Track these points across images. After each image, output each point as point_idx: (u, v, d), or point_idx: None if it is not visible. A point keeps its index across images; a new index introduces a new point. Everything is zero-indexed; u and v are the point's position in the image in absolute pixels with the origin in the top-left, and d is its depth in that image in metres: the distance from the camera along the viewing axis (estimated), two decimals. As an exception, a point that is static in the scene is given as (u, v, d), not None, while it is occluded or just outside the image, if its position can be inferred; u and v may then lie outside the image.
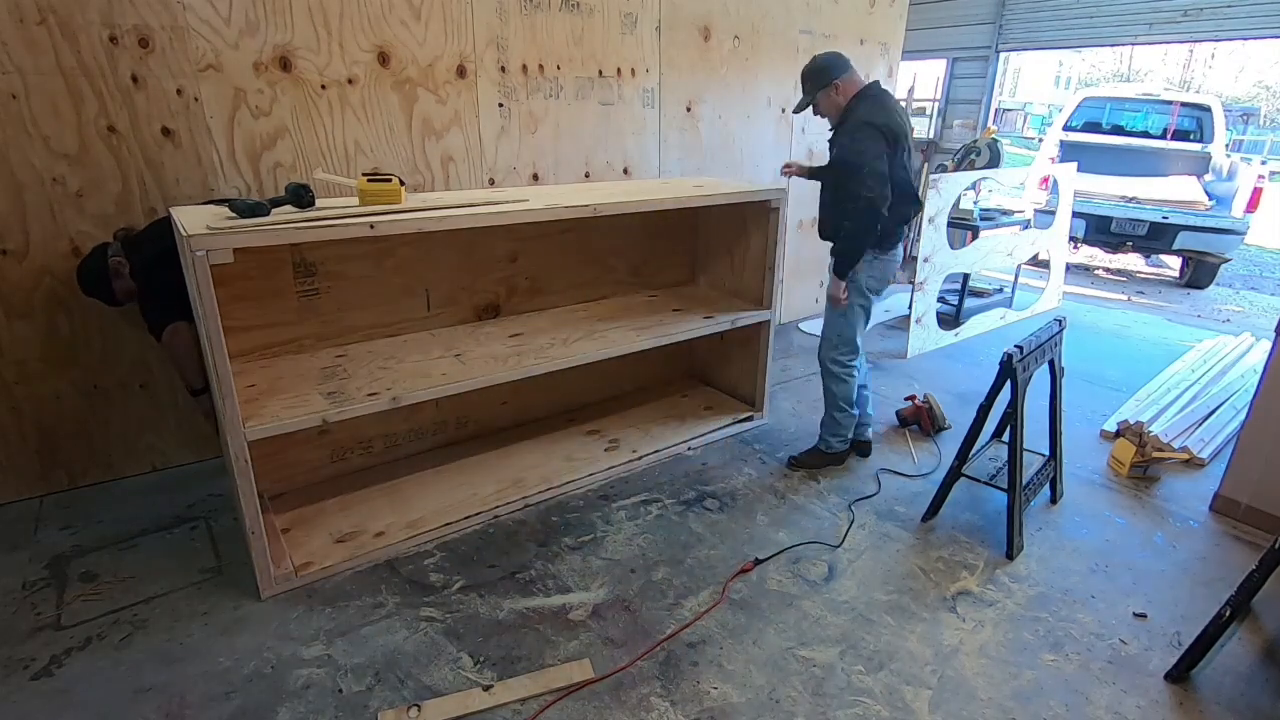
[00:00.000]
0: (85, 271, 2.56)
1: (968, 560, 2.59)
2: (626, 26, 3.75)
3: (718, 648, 2.16)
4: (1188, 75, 24.90)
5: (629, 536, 2.68)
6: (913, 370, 4.38)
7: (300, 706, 1.92)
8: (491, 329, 3.07)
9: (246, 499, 2.17)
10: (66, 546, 2.56)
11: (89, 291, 2.58)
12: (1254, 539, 2.75)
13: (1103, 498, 3.03)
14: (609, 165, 3.93)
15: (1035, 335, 2.66)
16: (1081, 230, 6.81)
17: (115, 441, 2.95)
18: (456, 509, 2.75)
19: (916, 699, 1.99)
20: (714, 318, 3.27)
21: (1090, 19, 7.70)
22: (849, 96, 2.78)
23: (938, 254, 4.55)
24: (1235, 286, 7.38)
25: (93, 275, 2.55)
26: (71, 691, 1.95)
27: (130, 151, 2.67)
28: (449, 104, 3.28)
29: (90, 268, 2.55)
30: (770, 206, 3.21)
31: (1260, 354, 4.51)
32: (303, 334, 2.74)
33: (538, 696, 1.96)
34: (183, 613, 2.25)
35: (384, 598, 2.33)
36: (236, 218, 2.07)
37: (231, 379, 2.05)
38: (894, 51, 5.23)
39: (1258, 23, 6.66)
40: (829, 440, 3.16)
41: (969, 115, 8.94)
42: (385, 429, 3.03)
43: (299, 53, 2.85)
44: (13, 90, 2.44)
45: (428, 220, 2.29)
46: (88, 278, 2.56)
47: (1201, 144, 7.62)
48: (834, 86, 2.76)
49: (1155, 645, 2.21)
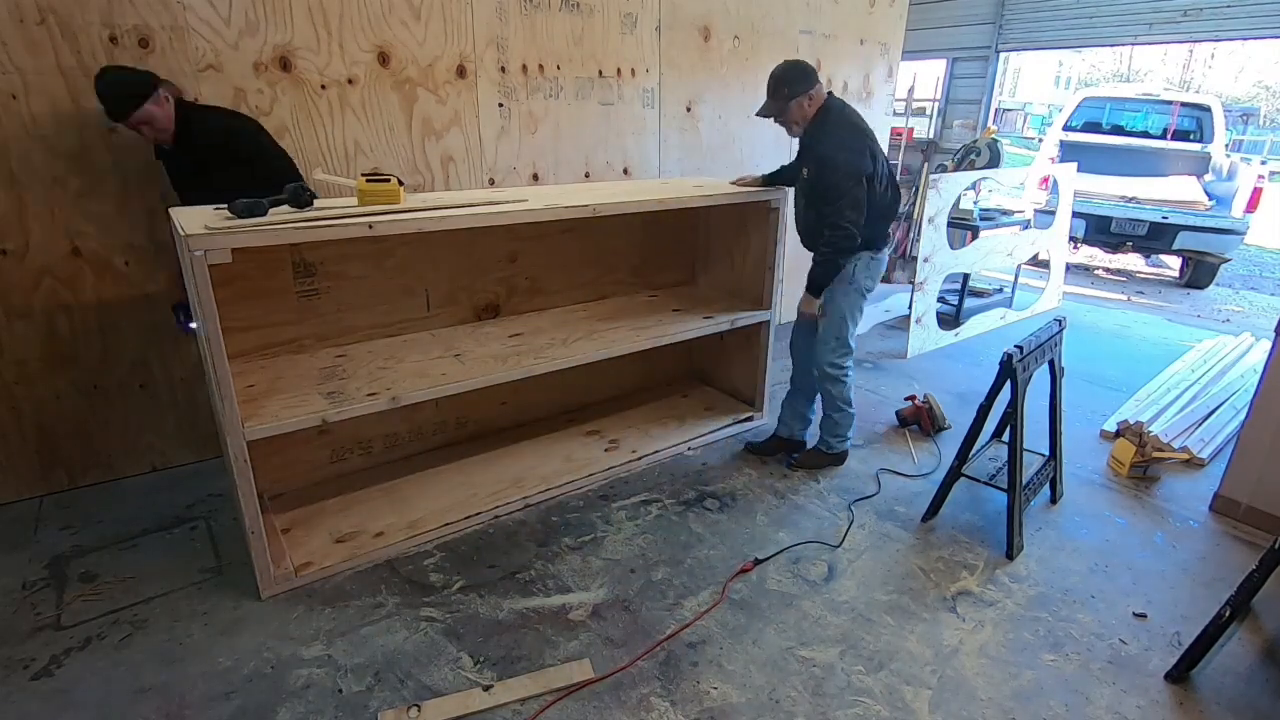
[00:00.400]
0: (120, 77, 2.37)
1: (968, 560, 2.59)
2: (626, 26, 3.75)
3: (718, 648, 2.16)
4: (1188, 75, 24.90)
5: (629, 536, 2.68)
6: (913, 370, 4.38)
7: (300, 706, 1.92)
8: (491, 329, 3.07)
9: (246, 499, 2.17)
10: (66, 546, 2.56)
11: (107, 91, 2.35)
12: (1254, 539, 2.75)
13: (1103, 498, 3.03)
14: (609, 165, 3.93)
15: (1035, 335, 2.66)
16: (1081, 230, 6.80)
17: (115, 441, 2.95)
18: (456, 509, 2.75)
19: (916, 699, 1.99)
20: (714, 318, 3.27)
21: (1090, 19, 7.71)
22: (816, 108, 2.79)
23: (938, 254, 4.55)
24: (1235, 286, 7.38)
25: (128, 84, 2.36)
26: (71, 691, 1.95)
27: (130, 151, 2.66)
28: (449, 104, 3.28)
29: (130, 79, 2.37)
30: (770, 207, 3.21)
31: (1260, 354, 4.51)
32: (302, 334, 2.74)
33: (538, 696, 1.96)
34: (183, 613, 2.25)
35: (384, 598, 2.33)
36: (234, 218, 2.07)
37: (231, 379, 2.05)
38: (894, 51, 5.23)
39: (1258, 23, 6.67)
40: (829, 441, 3.17)
41: (969, 115, 8.95)
42: (385, 429, 3.03)
43: (299, 53, 2.85)
44: (13, 90, 2.44)
45: (427, 220, 2.29)
46: (120, 82, 2.36)
47: (1201, 144, 7.62)
48: (809, 96, 2.76)
49: (1155, 645, 2.21)
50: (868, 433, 3.55)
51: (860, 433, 3.53)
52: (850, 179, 2.69)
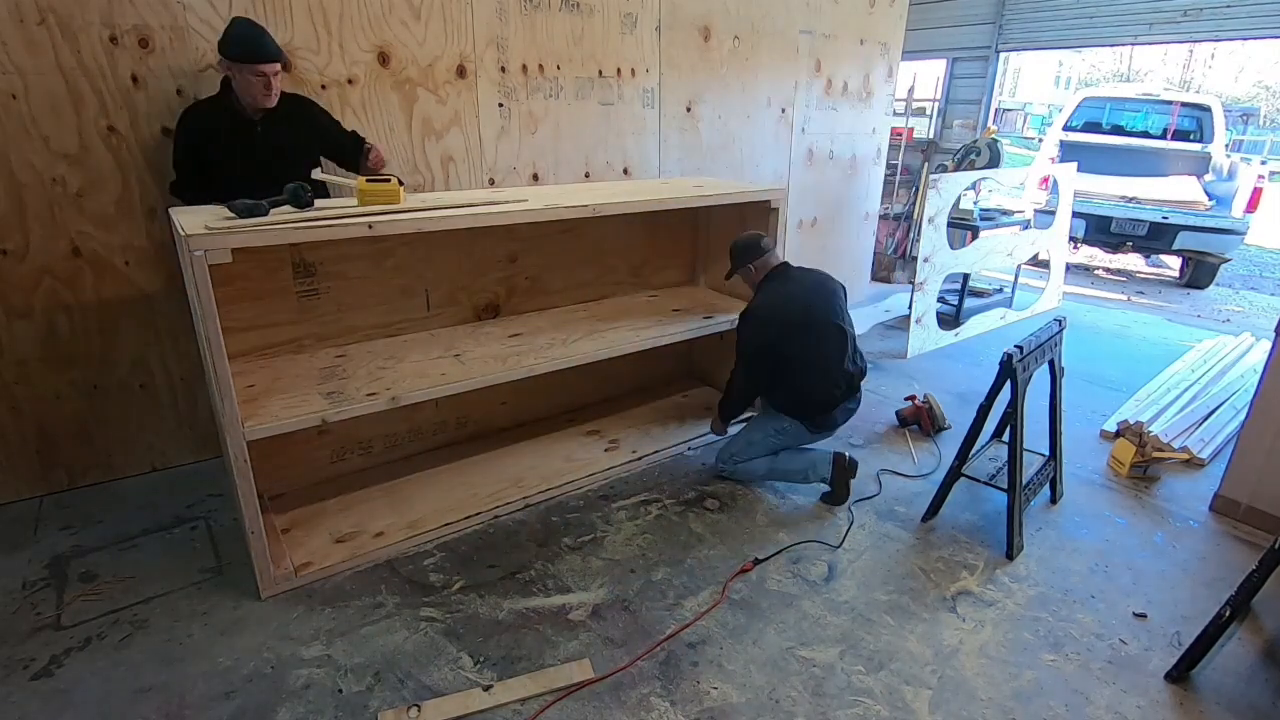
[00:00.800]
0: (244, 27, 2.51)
1: (968, 560, 2.59)
2: (626, 26, 3.75)
3: (718, 648, 2.16)
4: (1188, 75, 24.90)
5: (629, 536, 2.68)
6: (913, 370, 4.38)
7: (300, 706, 1.92)
8: (491, 329, 3.07)
9: (246, 499, 2.17)
10: (66, 546, 2.56)
11: (262, 33, 2.52)
12: (1254, 539, 2.75)
13: (1103, 498, 3.03)
14: (609, 165, 3.93)
15: (1035, 335, 2.66)
16: (1081, 230, 6.81)
17: (115, 441, 2.95)
18: (456, 509, 2.75)
19: (916, 699, 1.99)
20: (714, 318, 3.27)
21: (1090, 19, 7.71)
22: (761, 276, 2.94)
23: (938, 254, 4.55)
24: (1235, 286, 7.38)
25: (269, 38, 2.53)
26: (71, 691, 1.95)
27: (130, 151, 2.67)
28: (449, 104, 3.28)
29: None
30: (770, 206, 3.21)
31: (1260, 354, 4.51)
32: (302, 334, 2.74)
33: (538, 696, 1.96)
34: (183, 613, 2.25)
35: (384, 598, 2.33)
36: (235, 218, 2.07)
37: (230, 379, 2.05)
38: (894, 51, 5.23)
39: (1258, 23, 6.67)
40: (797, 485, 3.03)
41: (969, 115, 8.95)
42: (385, 429, 3.03)
43: (299, 53, 2.85)
44: (13, 90, 2.44)
45: (426, 220, 2.29)
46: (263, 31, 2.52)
47: (1201, 144, 7.62)
48: (748, 269, 2.94)
49: (1155, 645, 2.21)
50: (868, 433, 3.55)
51: (860, 433, 3.53)
52: (744, 343, 2.87)
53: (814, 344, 2.81)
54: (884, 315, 5.47)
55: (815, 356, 2.82)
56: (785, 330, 2.78)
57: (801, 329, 2.79)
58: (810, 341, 2.80)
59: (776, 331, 2.78)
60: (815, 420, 2.91)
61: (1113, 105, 8.39)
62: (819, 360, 2.82)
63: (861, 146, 5.30)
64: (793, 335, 2.78)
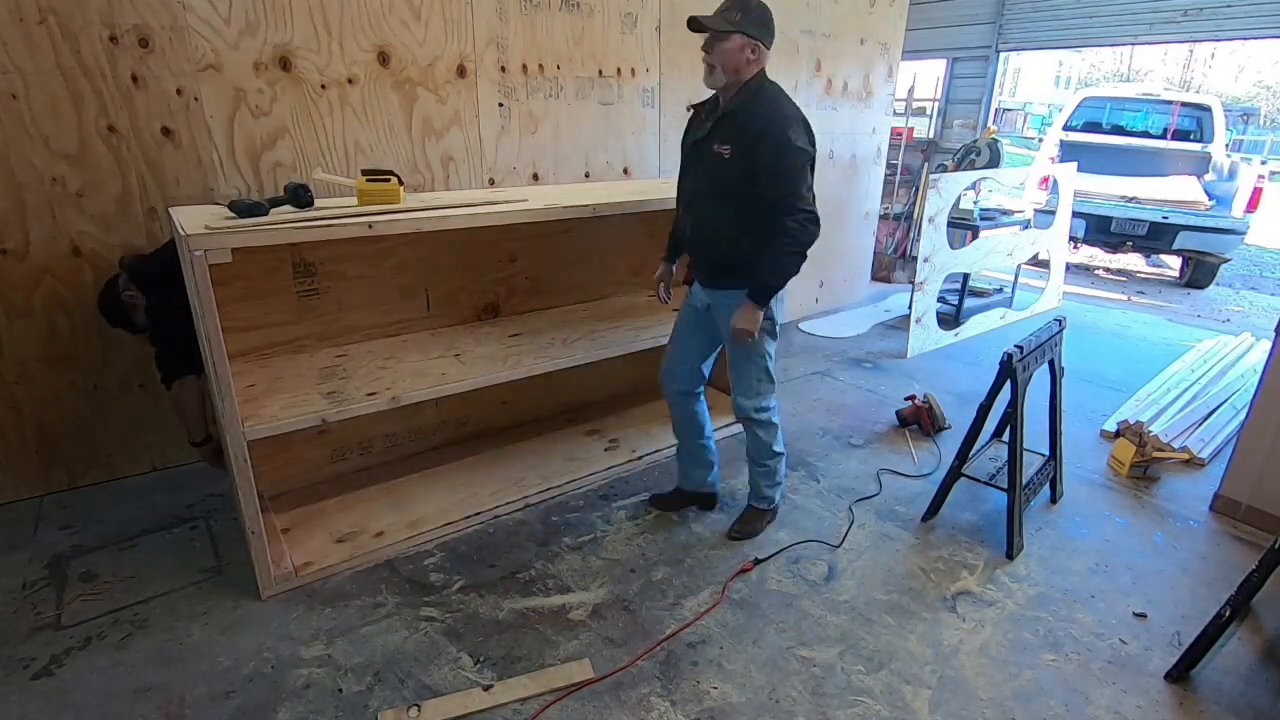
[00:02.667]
0: (105, 306, 2.59)
1: (968, 560, 2.59)
2: (626, 26, 3.74)
3: (718, 648, 2.16)
4: (1188, 75, 24.89)
5: (629, 536, 2.68)
6: (913, 370, 4.38)
7: (300, 706, 1.92)
8: (491, 329, 3.07)
9: (246, 499, 2.17)
10: (66, 546, 2.56)
11: (113, 324, 2.62)
12: (1254, 539, 2.75)
13: (1103, 498, 3.03)
14: (609, 165, 3.93)
15: (1035, 335, 2.66)
16: (1081, 230, 6.81)
17: (115, 441, 2.95)
18: (456, 509, 2.75)
19: (916, 699, 1.99)
20: (714, 318, 3.27)
21: (1090, 19, 7.71)
22: (755, 71, 2.25)
23: (937, 254, 4.55)
24: (1235, 286, 7.38)
25: (113, 309, 2.58)
26: (71, 691, 1.95)
27: (130, 151, 2.66)
28: (449, 104, 3.28)
29: (108, 302, 2.58)
30: (770, 206, 3.20)
31: (1260, 354, 4.51)
32: (302, 334, 2.74)
33: (538, 696, 1.96)
34: (183, 613, 2.25)
35: (384, 598, 2.33)
36: (235, 217, 2.07)
37: (231, 379, 2.05)
38: (894, 51, 5.23)
39: (1258, 23, 6.67)
40: (767, 494, 2.69)
41: (969, 115, 8.95)
42: (385, 429, 3.03)
43: (299, 52, 2.85)
44: (13, 90, 2.44)
45: (426, 220, 2.29)
46: (109, 312, 2.59)
47: (1201, 144, 7.62)
48: (755, 46, 2.19)
49: (1155, 645, 2.21)
50: (868, 433, 3.55)
51: (860, 433, 3.53)
52: (808, 161, 2.22)
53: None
54: (884, 315, 5.47)
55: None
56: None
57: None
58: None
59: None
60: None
61: (1113, 105, 8.39)
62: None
63: (861, 146, 5.30)
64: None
